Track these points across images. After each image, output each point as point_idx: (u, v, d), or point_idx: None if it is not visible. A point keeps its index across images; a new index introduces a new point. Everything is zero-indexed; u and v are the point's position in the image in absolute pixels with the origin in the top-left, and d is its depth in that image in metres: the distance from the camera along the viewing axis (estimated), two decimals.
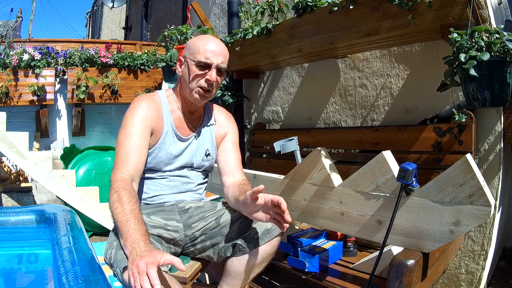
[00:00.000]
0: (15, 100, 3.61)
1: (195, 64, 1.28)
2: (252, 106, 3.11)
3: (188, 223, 1.33)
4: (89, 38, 12.63)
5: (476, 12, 1.45)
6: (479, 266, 1.73)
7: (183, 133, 1.37)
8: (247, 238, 1.21)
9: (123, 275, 1.04)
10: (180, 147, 1.36)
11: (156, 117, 1.31)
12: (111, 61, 3.88)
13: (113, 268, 1.11)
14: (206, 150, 1.42)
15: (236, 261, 1.22)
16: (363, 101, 2.26)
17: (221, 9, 3.52)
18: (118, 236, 1.14)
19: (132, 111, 1.28)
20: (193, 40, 1.35)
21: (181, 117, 1.37)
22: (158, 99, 1.36)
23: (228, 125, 1.48)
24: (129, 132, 1.24)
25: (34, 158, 2.95)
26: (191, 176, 1.41)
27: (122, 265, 1.04)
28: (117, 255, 1.09)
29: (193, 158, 1.39)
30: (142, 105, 1.29)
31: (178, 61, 1.37)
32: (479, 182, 1.07)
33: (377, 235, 1.31)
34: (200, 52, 1.28)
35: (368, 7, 1.75)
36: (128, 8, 8.70)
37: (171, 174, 1.36)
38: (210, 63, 1.28)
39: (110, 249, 1.15)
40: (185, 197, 1.40)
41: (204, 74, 1.28)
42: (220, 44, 1.32)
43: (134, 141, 1.22)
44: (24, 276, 1.99)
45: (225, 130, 1.47)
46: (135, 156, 1.21)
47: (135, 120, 1.26)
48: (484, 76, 1.31)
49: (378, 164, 1.29)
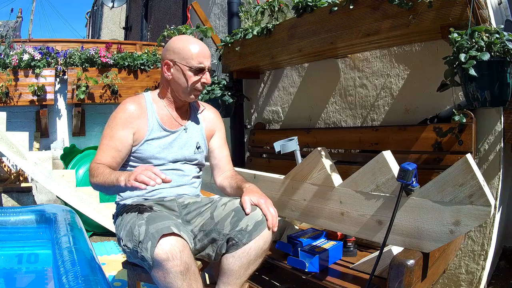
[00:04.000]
0: (15, 100, 3.60)
1: (189, 69, 1.35)
2: (252, 106, 3.11)
3: (187, 219, 1.37)
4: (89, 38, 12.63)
5: (476, 12, 1.45)
6: (479, 266, 1.73)
7: (171, 127, 1.43)
8: (240, 232, 1.23)
9: (156, 247, 1.07)
10: (168, 139, 1.42)
11: (139, 116, 1.38)
12: (111, 61, 3.87)
13: (141, 244, 1.11)
14: (197, 143, 1.48)
15: (231, 258, 1.23)
16: (363, 101, 2.26)
17: (221, 9, 3.52)
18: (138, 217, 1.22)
19: (114, 114, 1.38)
20: (178, 43, 1.38)
21: (167, 114, 1.44)
22: (143, 100, 1.43)
23: (216, 121, 1.57)
24: (110, 134, 1.35)
25: (34, 158, 2.95)
26: (186, 170, 1.46)
27: (157, 237, 1.08)
28: (150, 229, 1.13)
29: (184, 151, 1.45)
30: (125, 107, 1.38)
31: (165, 65, 1.39)
32: (479, 182, 1.07)
33: (377, 235, 1.31)
34: (193, 58, 1.34)
35: (368, 7, 1.75)
36: (128, 8, 8.70)
37: (166, 168, 1.40)
38: (204, 67, 1.37)
39: (137, 227, 1.17)
40: (182, 191, 1.44)
41: (200, 78, 1.37)
42: (204, 45, 1.40)
43: (114, 142, 1.33)
44: (24, 276, 1.99)
45: (213, 126, 1.55)
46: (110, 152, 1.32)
47: (117, 123, 1.35)
48: (484, 76, 1.31)
49: (378, 164, 1.29)
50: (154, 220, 1.17)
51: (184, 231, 1.18)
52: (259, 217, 1.24)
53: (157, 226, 1.12)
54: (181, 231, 1.15)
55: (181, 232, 1.14)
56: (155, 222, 1.15)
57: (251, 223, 1.23)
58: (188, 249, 1.13)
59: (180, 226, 1.20)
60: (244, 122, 3.08)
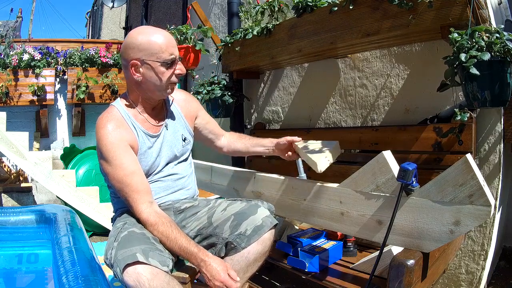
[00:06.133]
0: (15, 100, 3.61)
1: (161, 64, 1.23)
2: (252, 106, 3.10)
3: (182, 224, 1.35)
4: (89, 38, 12.62)
5: (476, 12, 1.45)
6: (479, 266, 1.73)
7: (154, 130, 1.35)
8: (239, 235, 1.22)
9: (123, 275, 1.04)
10: (157, 145, 1.35)
11: (126, 133, 1.27)
12: (111, 61, 3.88)
13: (113, 268, 1.11)
14: (182, 135, 1.43)
15: (229, 261, 1.23)
16: (363, 101, 2.26)
17: (221, 9, 3.52)
18: (117, 237, 1.17)
19: (104, 141, 1.22)
20: (140, 38, 1.24)
21: (145, 118, 1.34)
22: (117, 113, 1.30)
23: (195, 103, 1.52)
24: (117, 164, 1.21)
25: (34, 158, 2.95)
26: (179, 171, 1.41)
27: (122, 265, 1.05)
28: (117, 255, 1.09)
29: (174, 149, 1.39)
30: (108, 129, 1.23)
31: (131, 67, 1.25)
32: (479, 182, 1.07)
33: (377, 235, 1.31)
34: (162, 50, 1.22)
35: (368, 7, 1.75)
36: (128, 8, 8.69)
37: (161, 176, 1.36)
38: (175, 57, 1.26)
39: (110, 250, 1.15)
40: (180, 196, 1.41)
41: (173, 70, 1.27)
42: (167, 33, 1.28)
43: (129, 170, 1.21)
44: (24, 276, 1.99)
45: (194, 109, 1.50)
46: (137, 183, 1.22)
47: (114, 148, 1.21)
48: (484, 76, 1.31)
49: (378, 164, 1.29)
50: (124, 244, 1.11)
51: (155, 256, 1.07)
52: (258, 222, 1.23)
53: (124, 253, 1.06)
54: (149, 258, 1.05)
55: (149, 259, 1.05)
56: (123, 248, 1.09)
57: (250, 227, 1.22)
58: (160, 275, 1.05)
59: (150, 251, 1.08)
60: (244, 122, 3.08)
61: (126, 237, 1.15)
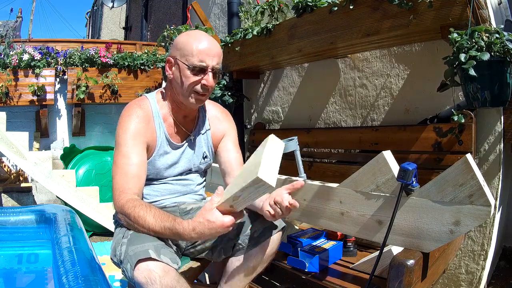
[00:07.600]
0: (15, 100, 3.60)
1: (188, 68, 1.18)
2: (252, 106, 3.10)
3: None
4: (89, 38, 12.62)
5: (476, 12, 1.45)
6: (479, 266, 1.73)
7: (177, 140, 1.31)
8: (246, 237, 1.22)
9: (134, 271, 1.01)
10: (176, 154, 1.31)
11: (148, 131, 1.24)
12: (111, 61, 3.87)
13: (122, 264, 1.08)
14: (204, 153, 1.37)
15: (236, 262, 1.22)
16: (363, 101, 2.26)
17: (221, 9, 3.52)
18: (126, 233, 1.14)
19: (123, 127, 1.20)
20: (183, 38, 1.23)
21: (174, 123, 1.30)
22: (148, 107, 1.27)
23: (226, 124, 1.41)
24: (125, 151, 1.17)
25: (34, 158, 2.95)
26: (190, 178, 1.39)
27: (133, 261, 1.02)
28: (128, 251, 1.07)
29: (191, 163, 1.36)
30: (133, 119, 1.21)
31: (167, 62, 1.25)
32: (479, 182, 1.07)
33: (377, 235, 1.31)
34: (193, 54, 1.17)
35: (368, 7, 1.75)
36: (128, 8, 8.69)
37: (171, 179, 1.33)
38: (206, 66, 1.18)
39: (119, 246, 1.13)
40: (186, 199, 1.38)
41: (200, 79, 1.19)
42: (213, 43, 1.22)
43: (131, 161, 1.16)
44: (24, 276, 1.99)
45: (222, 130, 1.40)
46: (134, 178, 1.16)
47: (128, 137, 1.19)
48: (484, 76, 1.31)
49: (378, 164, 1.29)
50: (134, 241, 1.09)
51: (166, 253, 1.05)
52: (267, 223, 1.22)
53: (136, 249, 1.04)
54: (161, 255, 1.03)
55: (160, 256, 1.03)
56: (134, 244, 1.07)
57: (258, 228, 1.22)
58: (171, 273, 1.02)
59: (162, 248, 1.07)
60: (244, 122, 3.08)
61: (135, 233, 1.12)
